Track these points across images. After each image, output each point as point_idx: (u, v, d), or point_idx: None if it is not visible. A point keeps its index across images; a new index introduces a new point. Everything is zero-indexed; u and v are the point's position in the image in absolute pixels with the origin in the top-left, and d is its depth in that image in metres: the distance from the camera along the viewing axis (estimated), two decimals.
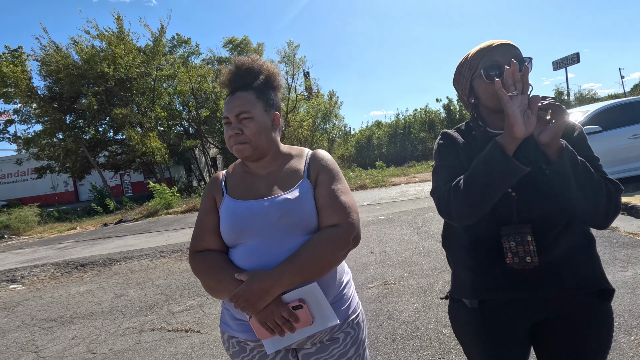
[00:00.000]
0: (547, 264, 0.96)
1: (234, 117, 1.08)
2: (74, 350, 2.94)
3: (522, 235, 0.94)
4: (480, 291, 1.04)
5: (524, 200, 0.97)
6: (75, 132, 16.45)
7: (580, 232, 1.00)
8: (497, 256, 0.99)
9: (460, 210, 0.97)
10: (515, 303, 1.02)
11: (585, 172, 0.89)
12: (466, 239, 1.08)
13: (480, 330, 1.07)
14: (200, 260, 1.08)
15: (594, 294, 1.00)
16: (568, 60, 24.15)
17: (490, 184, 0.91)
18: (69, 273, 5.60)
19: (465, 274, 1.09)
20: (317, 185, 1.10)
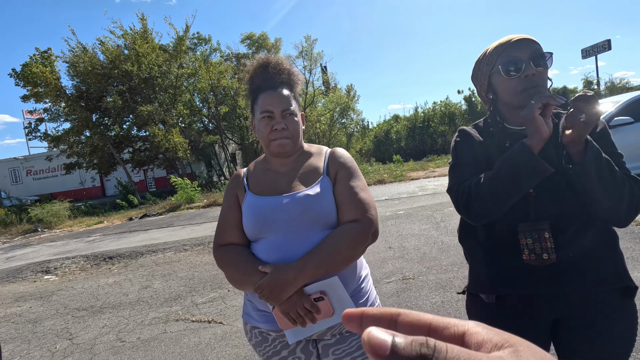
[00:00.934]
0: (566, 261, 0.95)
1: (280, 112, 1.13)
2: (104, 338, 3.10)
3: (539, 232, 0.94)
4: (497, 286, 1.04)
5: (542, 198, 0.97)
6: (101, 129, 17.05)
7: (602, 229, 0.98)
8: (514, 252, 0.98)
9: (481, 209, 0.98)
10: (533, 299, 1.02)
11: (610, 171, 0.88)
12: (483, 234, 1.08)
13: (497, 325, 1.06)
14: (224, 253, 1.12)
15: (616, 291, 0.98)
16: (598, 47, 23.01)
17: (516, 185, 0.92)
18: (97, 265, 5.87)
19: (482, 269, 1.09)
20: (336, 182, 1.14)
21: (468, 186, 1.01)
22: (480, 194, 0.97)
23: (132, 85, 16.55)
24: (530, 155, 0.89)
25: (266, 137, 1.14)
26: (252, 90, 1.21)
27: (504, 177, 0.93)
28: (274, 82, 1.17)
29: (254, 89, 1.20)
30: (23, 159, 25.89)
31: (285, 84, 1.18)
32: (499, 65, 1.02)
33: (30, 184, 25.53)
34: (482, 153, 1.08)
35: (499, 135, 1.07)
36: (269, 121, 1.14)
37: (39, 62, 14.89)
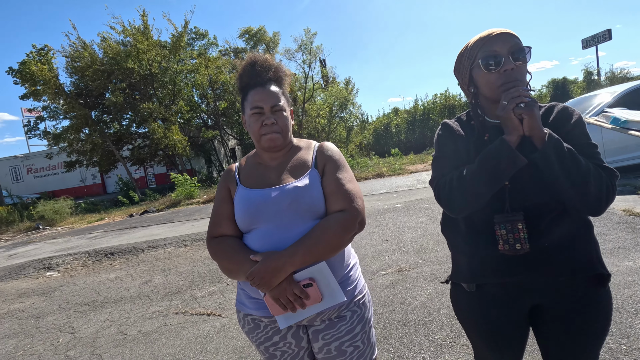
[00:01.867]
0: (540, 250, 0.99)
1: (269, 107, 1.17)
2: (106, 331, 3.16)
3: (513, 223, 0.98)
4: (476, 276, 1.09)
5: (516, 189, 1.00)
6: (100, 127, 17.06)
7: (576, 219, 1.01)
8: (491, 243, 1.02)
9: (462, 201, 1.02)
10: (511, 287, 1.05)
11: (572, 159, 0.91)
12: (463, 226, 1.11)
13: (478, 313, 1.12)
14: (217, 244, 1.17)
15: (590, 279, 1.02)
16: (599, 37, 22.83)
17: (495, 177, 0.97)
18: (99, 261, 5.93)
19: (462, 259, 1.13)
20: (324, 174, 1.19)
21: (450, 179, 1.05)
22: (461, 187, 1.01)
23: (131, 82, 16.52)
24: (509, 150, 0.95)
25: (257, 132, 1.18)
26: (241, 87, 1.25)
27: (485, 170, 0.98)
28: (261, 79, 1.20)
29: (243, 87, 1.24)
30: (23, 157, 25.92)
31: (273, 80, 1.22)
32: (479, 60, 1.05)
33: (31, 182, 25.59)
34: (463, 146, 1.11)
35: (479, 128, 1.10)
36: (258, 117, 1.18)
37: (37, 59, 14.84)
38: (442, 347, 2.21)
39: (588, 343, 1.04)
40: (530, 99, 0.93)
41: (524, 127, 0.94)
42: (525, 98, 0.92)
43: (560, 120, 1.02)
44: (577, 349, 1.04)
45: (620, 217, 4.01)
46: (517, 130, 0.95)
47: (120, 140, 18.90)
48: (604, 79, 22.83)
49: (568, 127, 1.00)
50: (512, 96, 0.94)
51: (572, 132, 0.99)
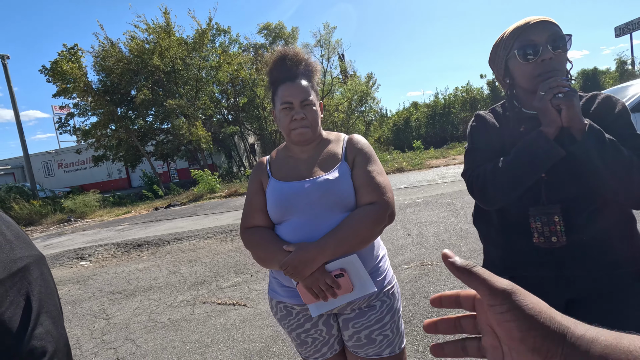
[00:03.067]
0: (578, 244, 0.97)
1: (299, 102, 1.20)
2: (137, 318, 3.31)
3: (549, 215, 0.96)
4: (509, 268, 1.08)
5: (553, 182, 0.99)
6: (126, 122, 17.63)
7: (617, 212, 0.98)
8: (525, 235, 1.01)
9: (496, 193, 1.02)
10: (545, 281, 1.04)
11: (614, 151, 0.89)
12: (497, 218, 1.11)
13: None
14: (251, 235, 1.22)
15: (632, 274, 0.99)
16: (634, 24, 21.66)
17: (532, 169, 0.96)
18: (128, 252, 6.18)
19: (495, 252, 1.12)
20: (354, 167, 1.20)
21: (483, 171, 1.05)
22: (496, 179, 1.01)
23: (156, 79, 16.97)
24: (547, 142, 0.93)
25: (287, 126, 1.21)
26: (272, 82, 1.28)
27: (521, 162, 0.97)
28: (292, 74, 1.23)
29: (273, 81, 1.27)
30: (54, 153, 27.16)
31: (303, 74, 1.24)
32: (515, 50, 1.03)
33: (62, 177, 26.80)
34: (497, 138, 1.10)
35: (515, 120, 1.09)
36: (288, 112, 1.20)
37: (67, 58, 15.45)
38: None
39: None
40: (570, 88, 0.91)
41: (562, 118, 0.92)
42: (563, 88, 0.90)
43: (603, 111, 0.99)
44: None
45: None
46: (556, 121, 0.93)
47: (144, 135, 19.49)
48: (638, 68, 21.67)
49: (611, 118, 0.97)
50: (550, 86, 0.92)
51: (616, 123, 0.96)
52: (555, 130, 0.94)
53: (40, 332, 0.78)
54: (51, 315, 0.84)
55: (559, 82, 0.91)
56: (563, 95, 0.90)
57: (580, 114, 0.91)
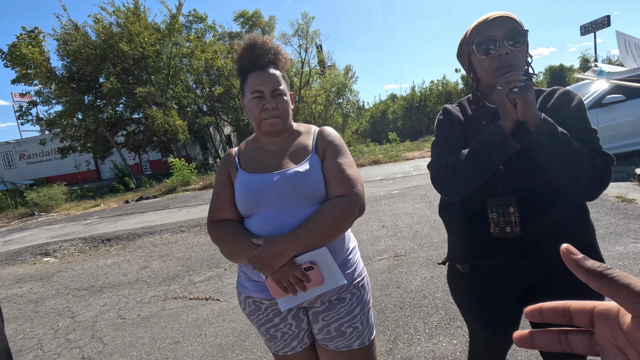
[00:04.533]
0: (533, 234, 1.00)
1: (270, 91, 1.16)
2: (105, 315, 3.20)
3: (505, 206, 0.99)
4: (470, 257, 1.11)
5: (510, 174, 1.01)
6: (94, 112, 16.82)
7: (570, 204, 1.02)
8: (484, 225, 1.04)
9: (456, 185, 1.04)
10: (503, 269, 1.08)
11: (565, 144, 0.91)
12: (459, 209, 1.13)
13: (472, 294, 1.15)
14: (219, 228, 1.18)
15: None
16: (597, 24, 22.60)
17: (488, 162, 0.98)
18: (96, 247, 5.94)
19: (457, 242, 1.15)
20: (325, 159, 1.19)
21: (445, 163, 1.07)
22: (456, 171, 1.03)
23: (125, 66, 16.22)
24: (503, 135, 0.95)
25: (257, 116, 1.17)
26: (241, 70, 1.23)
27: (479, 155, 0.99)
28: (261, 62, 1.19)
29: (243, 69, 1.22)
30: (15, 143, 25.57)
31: (273, 63, 1.21)
32: (475, 45, 1.04)
33: (24, 168, 25.32)
34: (461, 131, 1.12)
35: (478, 113, 1.11)
36: (259, 101, 1.17)
37: (27, 42, 14.49)
38: (436, 329, 2.26)
39: None
40: (525, 83, 0.92)
41: (518, 112, 0.94)
42: (519, 83, 0.92)
43: (560, 105, 1.02)
44: None
45: (612, 204, 4.07)
46: (512, 115, 0.94)
47: (114, 126, 18.69)
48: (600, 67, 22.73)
49: (567, 112, 1.00)
50: (506, 81, 0.93)
51: (571, 117, 0.99)
52: (512, 124, 0.96)
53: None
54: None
55: (515, 77, 0.93)
56: (518, 90, 0.92)
57: (535, 107, 0.93)
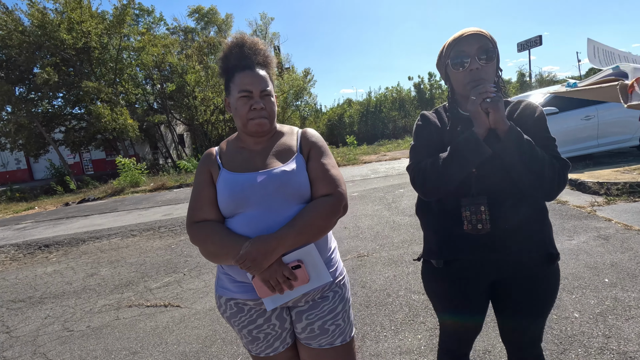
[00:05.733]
0: (501, 231, 1.10)
1: (258, 92, 1.15)
2: (48, 329, 2.91)
3: (477, 205, 1.09)
4: (444, 252, 1.19)
5: (482, 176, 1.11)
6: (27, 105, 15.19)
7: (533, 204, 1.13)
8: (458, 223, 1.12)
9: (434, 186, 1.12)
10: (474, 264, 1.17)
11: (530, 149, 1.03)
12: (435, 207, 1.21)
13: (445, 287, 1.23)
14: (200, 229, 1.14)
15: (542, 258, 1.16)
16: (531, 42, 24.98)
17: (462, 165, 1.07)
18: (32, 254, 5.39)
19: (432, 238, 1.23)
20: (309, 159, 1.21)
21: (424, 166, 1.15)
22: (433, 173, 1.11)
23: (65, 57, 14.86)
24: (476, 141, 1.05)
25: (244, 116, 1.16)
26: (227, 68, 1.21)
27: (454, 159, 1.08)
28: (250, 62, 1.18)
29: (229, 68, 1.20)
30: None
31: (262, 64, 1.20)
32: (449, 59, 1.15)
33: None
34: (438, 136, 1.20)
35: (454, 120, 1.20)
36: (247, 100, 1.15)
37: None
38: (402, 326, 2.36)
39: (536, 314, 1.19)
40: (495, 94, 1.02)
41: (490, 120, 1.04)
42: (490, 94, 1.02)
43: (525, 115, 1.14)
44: (526, 319, 1.19)
45: (549, 205, 4.52)
46: (484, 123, 1.04)
47: (51, 121, 17.04)
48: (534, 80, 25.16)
49: (531, 121, 1.12)
50: (479, 92, 1.03)
51: (535, 126, 1.11)
52: (485, 131, 1.06)
53: None
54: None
55: (487, 89, 1.03)
56: (490, 100, 1.02)
57: (504, 117, 1.04)
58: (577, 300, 2.38)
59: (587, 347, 1.93)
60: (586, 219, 3.87)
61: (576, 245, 3.22)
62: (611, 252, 3.00)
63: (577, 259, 2.95)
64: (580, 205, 4.37)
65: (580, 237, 3.41)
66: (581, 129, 6.49)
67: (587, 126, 6.49)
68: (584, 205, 4.35)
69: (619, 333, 2.01)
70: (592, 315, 2.20)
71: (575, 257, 2.99)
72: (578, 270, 2.78)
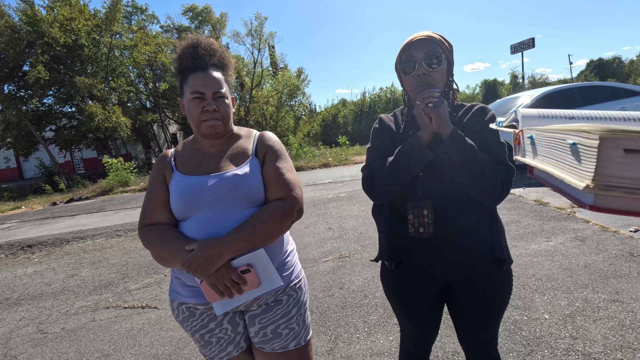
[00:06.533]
0: (446, 235, 1.11)
1: (211, 94, 1.14)
2: (22, 331, 2.87)
3: (420, 209, 1.09)
4: (394, 255, 1.20)
5: (428, 180, 1.11)
6: (16, 103, 15.00)
7: (480, 209, 1.13)
8: (405, 226, 1.13)
9: (379, 189, 1.13)
10: (423, 266, 1.17)
11: (471, 154, 1.02)
12: (387, 210, 1.22)
13: (398, 288, 1.24)
14: (151, 232, 1.13)
15: (490, 262, 1.15)
16: (524, 44, 25.25)
17: (407, 169, 1.08)
18: (14, 254, 5.32)
19: (384, 240, 1.24)
20: (265, 163, 1.20)
21: (373, 169, 1.16)
22: (380, 176, 1.12)
23: (55, 54, 14.70)
24: (419, 145, 1.06)
25: (197, 117, 1.15)
26: (181, 70, 1.20)
27: (399, 162, 1.08)
28: (204, 63, 1.17)
29: (183, 69, 1.19)
30: None
31: (217, 66, 1.19)
32: (399, 64, 1.15)
33: None
34: (391, 139, 1.20)
35: (407, 124, 1.20)
36: (199, 102, 1.14)
37: None
38: (375, 327, 2.36)
39: (486, 317, 1.18)
40: (438, 99, 1.03)
41: (433, 125, 1.04)
42: (433, 99, 1.02)
43: (475, 119, 1.13)
44: (478, 322, 1.19)
45: (531, 207, 4.56)
46: (428, 127, 1.05)
47: (41, 119, 16.85)
48: (527, 82, 25.38)
49: (480, 126, 1.11)
50: (422, 97, 1.04)
51: (483, 131, 1.10)
52: (429, 135, 1.06)
53: None
54: None
55: (431, 94, 1.03)
56: (432, 105, 1.02)
57: (447, 121, 1.04)
58: (548, 302, 2.40)
59: (553, 349, 1.94)
60: (565, 221, 3.91)
61: (553, 247, 3.25)
62: (586, 254, 3.04)
63: (552, 261, 2.98)
64: (561, 206, 4.41)
65: (558, 238, 3.44)
66: None
67: None
68: (565, 206, 4.39)
69: (585, 334, 2.03)
70: (562, 316, 2.22)
71: (551, 259, 3.02)
72: (552, 271, 2.80)
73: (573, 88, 6.86)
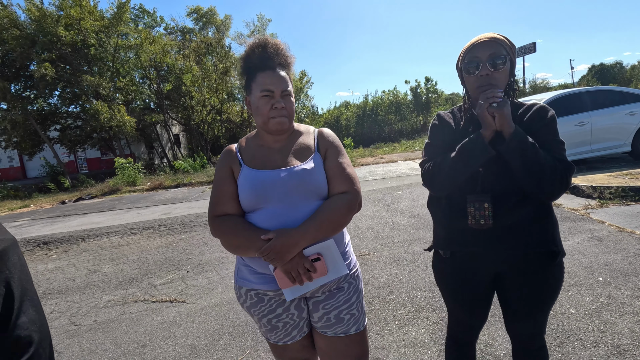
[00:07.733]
0: (503, 227, 1.18)
1: (280, 92, 1.21)
2: (55, 323, 2.94)
3: (481, 202, 1.17)
4: (451, 244, 1.28)
5: (488, 175, 1.19)
6: (22, 102, 15.06)
7: (536, 203, 1.19)
8: (464, 217, 1.20)
9: (441, 182, 1.21)
10: (478, 256, 1.24)
11: (533, 152, 1.09)
12: (444, 202, 1.29)
13: (452, 276, 1.32)
14: (222, 222, 1.20)
15: (544, 254, 1.21)
16: (526, 49, 25.30)
17: (468, 164, 1.15)
18: (31, 251, 5.38)
19: (441, 231, 1.32)
20: (327, 158, 1.27)
21: (434, 163, 1.23)
22: (442, 170, 1.20)
23: (61, 53, 14.78)
24: (482, 142, 1.13)
25: (266, 114, 1.22)
26: (248, 68, 1.27)
27: (461, 158, 1.16)
28: (272, 63, 1.24)
29: (251, 68, 1.26)
30: None
31: (282, 65, 1.26)
32: (463, 64, 1.23)
33: None
34: (450, 136, 1.28)
35: (466, 121, 1.28)
36: (268, 100, 1.21)
37: None
38: (405, 321, 2.43)
39: (535, 307, 1.24)
40: (502, 99, 1.10)
41: (496, 123, 1.11)
42: (497, 99, 1.10)
43: (535, 118, 1.20)
44: (528, 312, 1.25)
45: None
46: (491, 125, 1.12)
47: (46, 119, 16.91)
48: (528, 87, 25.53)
49: (540, 125, 1.18)
50: (486, 97, 1.11)
51: (543, 129, 1.17)
52: (491, 133, 1.14)
53: (24, 321, 0.70)
54: (33, 302, 0.75)
55: (494, 94, 1.11)
56: (496, 105, 1.10)
57: (510, 120, 1.11)
58: (572, 297, 2.48)
59: (582, 341, 2.02)
60: (580, 221, 3.99)
61: (571, 246, 3.33)
62: (605, 253, 3.12)
63: (572, 259, 3.06)
64: (574, 208, 4.50)
65: (575, 238, 3.52)
66: (575, 135, 6.65)
67: (581, 132, 6.65)
68: (578, 208, 4.48)
69: (613, 328, 2.11)
70: (588, 311, 2.30)
71: (571, 257, 3.09)
72: (573, 269, 2.88)
73: (583, 92, 6.96)
